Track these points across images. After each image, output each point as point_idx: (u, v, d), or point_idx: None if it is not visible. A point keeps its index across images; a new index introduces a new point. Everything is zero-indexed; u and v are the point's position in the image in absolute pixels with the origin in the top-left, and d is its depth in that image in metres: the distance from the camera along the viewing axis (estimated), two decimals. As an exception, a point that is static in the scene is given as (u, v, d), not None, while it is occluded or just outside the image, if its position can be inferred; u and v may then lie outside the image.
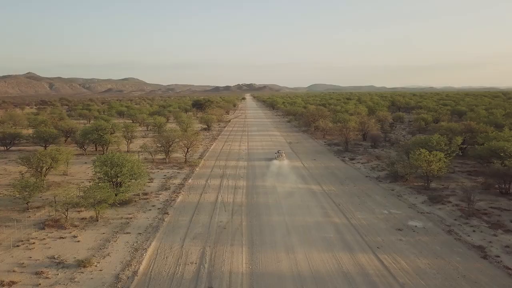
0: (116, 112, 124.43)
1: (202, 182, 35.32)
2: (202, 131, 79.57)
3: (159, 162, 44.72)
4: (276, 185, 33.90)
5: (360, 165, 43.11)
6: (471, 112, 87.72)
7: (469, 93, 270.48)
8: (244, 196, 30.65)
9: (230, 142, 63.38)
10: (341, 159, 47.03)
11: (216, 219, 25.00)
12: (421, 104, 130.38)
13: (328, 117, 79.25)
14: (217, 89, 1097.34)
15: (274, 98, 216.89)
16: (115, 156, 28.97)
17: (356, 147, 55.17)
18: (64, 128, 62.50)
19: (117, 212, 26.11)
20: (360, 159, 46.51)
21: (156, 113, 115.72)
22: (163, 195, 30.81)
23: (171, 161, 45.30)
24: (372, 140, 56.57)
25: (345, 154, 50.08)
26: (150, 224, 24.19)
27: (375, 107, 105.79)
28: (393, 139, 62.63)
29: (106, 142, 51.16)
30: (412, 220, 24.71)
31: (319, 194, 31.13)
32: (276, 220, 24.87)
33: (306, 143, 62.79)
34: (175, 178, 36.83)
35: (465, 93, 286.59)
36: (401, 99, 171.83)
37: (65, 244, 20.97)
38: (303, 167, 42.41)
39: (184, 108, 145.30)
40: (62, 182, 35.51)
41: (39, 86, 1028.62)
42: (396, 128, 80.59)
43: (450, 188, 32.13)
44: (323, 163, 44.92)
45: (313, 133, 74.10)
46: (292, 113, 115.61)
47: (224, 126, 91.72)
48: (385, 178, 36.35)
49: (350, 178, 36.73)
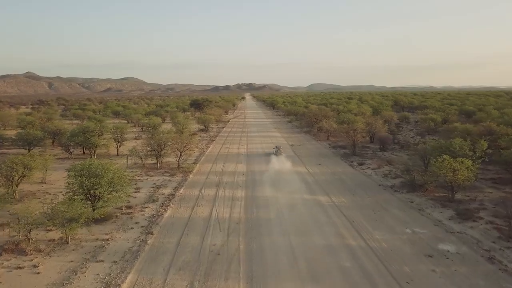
0: (112, 112, 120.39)
1: (195, 192, 31.32)
2: (199, 132, 75.64)
3: (149, 168, 40.76)
4: (278, 196, 29.95)
5: (371, 171, 39.14)
6: (481, 112, 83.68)
7: (470, 93, 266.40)
8: (243, 209, 26.67)
9: (228, 144, 59.41)
10: (348, 164, 43.06)
11: (209, 241, 21.02)
12: (426, 104, 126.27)
13: (331, 117, 75.27)
14: (216, 88, 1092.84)
15: (274, 98, 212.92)
16: (93, 165, 24.94)
17: (363, 150, 51.19)
18: (51, 129, 58.47)
19: (92, 232, 22.13)
20: (370, 164, 42.54)
21: (152, 113, 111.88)
22: (149, 208, 26.83)
23: (163, 166, 41.33)
24: (381, 142, 52.59)
25: (353, 158, 46.11)
26: (130, 248, 20.21)
27: (379, 107, 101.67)
28: (402, 141, 58.64)
29: (94, 145, 47.18)
30: (442, 243, 20.75)
31: (328, 207, 27.16)
32: (279, 242, 20.90)
33: (309, 145, 58.84)
34: (165, 187, 32.83)
35: (466, 92, 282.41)
36: (404, 98, 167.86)
37: (21, 278, 17.01)
38: (308, 173, 38.46)
39: (182, 107, 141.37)
40: (38, 191, 31.57)
41: (38, 85, 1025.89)
42: (403, 129, 76.58)
43: (477, 200, 28.19)
44: (329, 168, 40.96)
45: (316, 134, 70.12)
46: (293, 113, 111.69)
47: (223, 127, 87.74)
48: (400, 187, 32.38)
49: (361, 187, 32.77)
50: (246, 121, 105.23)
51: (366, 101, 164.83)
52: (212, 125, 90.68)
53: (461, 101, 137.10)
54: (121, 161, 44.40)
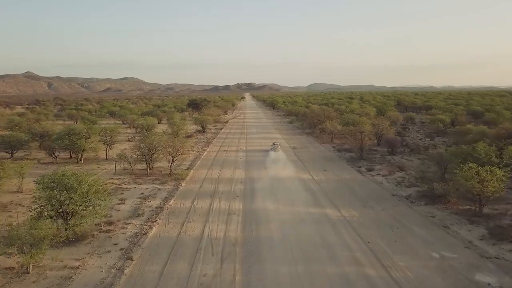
0: (108, 113, 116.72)
1: (187, 204, 27.80)
2: (196, 134, 72.15)
3: (139, 174, 37.26)
4: (281, 209, 26.47)
5: (382, 178, 35.65)
6: (490, 113, 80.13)
7: (471, 92, 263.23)
8: (240, 226, 23.17)
9: (226, 147, 55.90)
10: (356, 170, 39.57)
11: (199, 271, 17.49)
12: (430, 104, 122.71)
13: (335, 118, 71.77)
14: (216, 88, 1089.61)
15: (274, 98, 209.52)
16: (66, 176, 21.40)
17: (371, 154, 47.69)
18: (38, 131, 54.98)
19: (60, 257, 18.62)
20: (380, 169, 39.05)
21: (148, 113, 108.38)
22: (133, 225, 23.32)
23: (154, 172, 37.83)
24: (389, 145, 49.09)
25: (360, 163, 42.61)
26: (102, 279, 16.69)
27: (383, 107, 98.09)
28: (411, 144, 55.14)
29: (80, 149, 43.68)
30: (479, 272, 17.24)
31: (339, 223, 23.66)
32: (284, 272, 17.37)
33: (312, 148, 55.33)
34: (154, 197, 29.31)
35: (467, 92, 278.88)
36: (407, 98, 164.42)
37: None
38: (312, 180, 34.97)
39: (180, 108, 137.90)
40: (11, 203, 28.05)
41: (37, 85, 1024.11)
42: (410, 131, 73.02)
43: (508, 214, 24.72)
44: (336, 174, 37.46)
45: (319, 136, 66.63)
46: (294, 113, 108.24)
47: (221, 128, 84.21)
48: (417, 197, 28.88)
49: (373, 197, 29.27)
50: (246, 121, 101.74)
51: (368, 101, 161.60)
52: (210, 126, 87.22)
53: (466, 101, 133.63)
54: (110, 166, 40.99)
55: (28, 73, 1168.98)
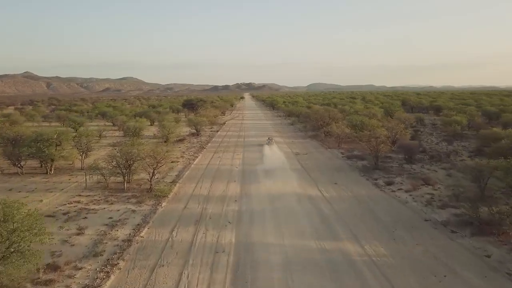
0: (100, 113, 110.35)
1: (164, 234, 21.63)
2: (189, 137, 66.04)
3: (114, 189, 31.10)
4: (286, 242, 20.34)
5: (405, 194, 29.48)
6: (506, 114, 74.01)
7: (475, 92, 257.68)
8: (230, 276, 16.94)
9: (220, 153, 49.78)
10: (372, 183, 33.42)
11: None
12: (438, 104, 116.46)
13: (340, 119, 65.67)
14: (216, 88, 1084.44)
15: (274, 98, 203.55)
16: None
17: (385, 162, 41.48)
18: (9, 135, 48.77)
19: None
20: (401, 183, 32.89)
21: (141, 114, 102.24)
22: (84, 270, 17.16)
23: (132, 187, 31.68)
24: (406, 151, 42.90)
25: (376, 174, 36.50)
26: None
27: (391, 108, 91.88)
28: (429, 149, 49.01)
29: (49, 158, 37.56)
30: None
31: (364, 268, 17.51)
32: None
33: (318, 154, 49.20)
34: (124, 225, 23.13)
35: (469, 92, 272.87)
36: (412, 98, 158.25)
37: None
38: (322, 198, 28.80)
39: (176, 108, 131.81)
40: None
41: (36, 85, 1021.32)
42: (422, 134, 66.81)
43: None
44: (350, 189, 31.29)
45: (324, 140, 60.53)
46: (295, 114, 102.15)
47: (217, 130, 78.02)
48: (458, 224, 22.69)
49: (402, 224, 23.12)
50: (244, 123, 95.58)
51: (371, 101, 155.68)
52: (206, 127, 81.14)
53: (475, 100, 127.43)
54: (83, 178, 34.85)
55: (27, 73, 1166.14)
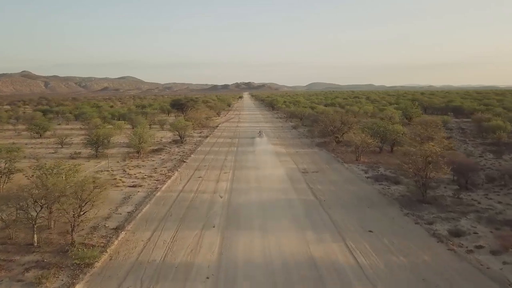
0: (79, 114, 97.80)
1: None
2: (170, 145, 53.93)
3: (18, 246, 19.02)
4: None
5: (494, 259, 17.40)
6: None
7: (478, 91, 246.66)
8: None
9: (203, 170, 37.73)
10: (428, 232, 21.26)
11: None
12: (456, 104, 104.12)
13: (355, 124, 53.61)
14: (215, 87, 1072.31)
15: (273, 97, 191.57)
16: None
17: (430, 187, 29.27)
18: None
19: None
20: (474, 232, 20.78)
21: (123, 116, 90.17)
22: None
23: (49, 241, 19.58)
24: (460, 173, 30.66)
25: (425, 211, 24.42)
26: None
27: (409, 110, 79.55)
28: (485, 167, 36.91)
29: None
30: None
31: None
32: None
33: (333, 172, 37.05)
34: None
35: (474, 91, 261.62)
36: (425, 98, 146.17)
37: None
38: (359, 272, 16.66)
39: (167, 109, 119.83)
40: None
41: (34, 84, 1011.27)
42: (454, 141, 54.46)
43: None
44: (399, 249, 19.07)
45: (336, 149, 48.59)
46: (298, 115, 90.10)
47: (207, 136, 65.77)
48: None
49: None
50: (240, 126, 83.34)
51: (377, 101, 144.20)
52: (195, 131, 69.07)
53: (497, 101, 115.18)
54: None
55: (25, 72, 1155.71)
